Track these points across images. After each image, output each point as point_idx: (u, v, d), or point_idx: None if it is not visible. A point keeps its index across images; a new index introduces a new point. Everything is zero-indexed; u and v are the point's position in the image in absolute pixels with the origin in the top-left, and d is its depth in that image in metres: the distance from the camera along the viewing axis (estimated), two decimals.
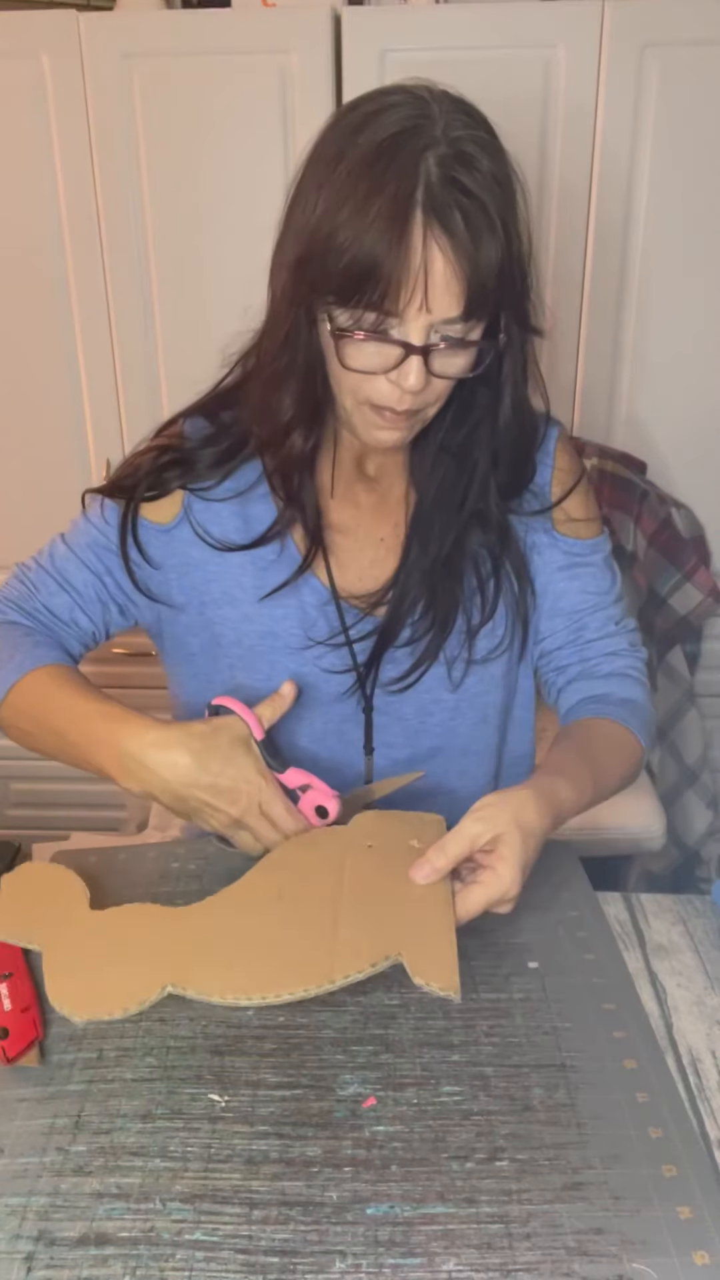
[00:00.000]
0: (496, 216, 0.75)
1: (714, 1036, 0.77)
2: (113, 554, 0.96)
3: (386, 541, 0.97)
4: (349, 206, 0.74)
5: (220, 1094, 0.70)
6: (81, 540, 0.97)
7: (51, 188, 1.71)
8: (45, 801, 2.14)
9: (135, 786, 0.85)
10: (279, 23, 1.62)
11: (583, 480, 0.99)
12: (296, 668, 0.96)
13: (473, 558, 0.95)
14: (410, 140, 0.74)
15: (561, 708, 1.03)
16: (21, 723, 0.92)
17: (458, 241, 0.74)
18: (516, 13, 1.59)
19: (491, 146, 0.77)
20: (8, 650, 0.93)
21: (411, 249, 0.73)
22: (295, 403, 0.86)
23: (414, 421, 0.85)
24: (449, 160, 0.74)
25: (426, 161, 0.73)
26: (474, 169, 0.74)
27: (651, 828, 1.70)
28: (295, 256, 0.79)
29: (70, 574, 0.97)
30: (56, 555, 0.98)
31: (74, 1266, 0.58)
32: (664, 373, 1.79)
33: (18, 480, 1.91)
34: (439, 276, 0.74)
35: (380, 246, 0.73)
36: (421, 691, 0.97)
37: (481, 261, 0.75)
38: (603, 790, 0.93)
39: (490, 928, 0.85)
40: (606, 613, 1.01)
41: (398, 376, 0.79)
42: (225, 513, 0.95)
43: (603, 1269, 0.58)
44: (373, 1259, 0.59)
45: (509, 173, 0.78)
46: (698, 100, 1.62)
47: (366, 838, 0.86)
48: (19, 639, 0.95)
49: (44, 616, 0.98)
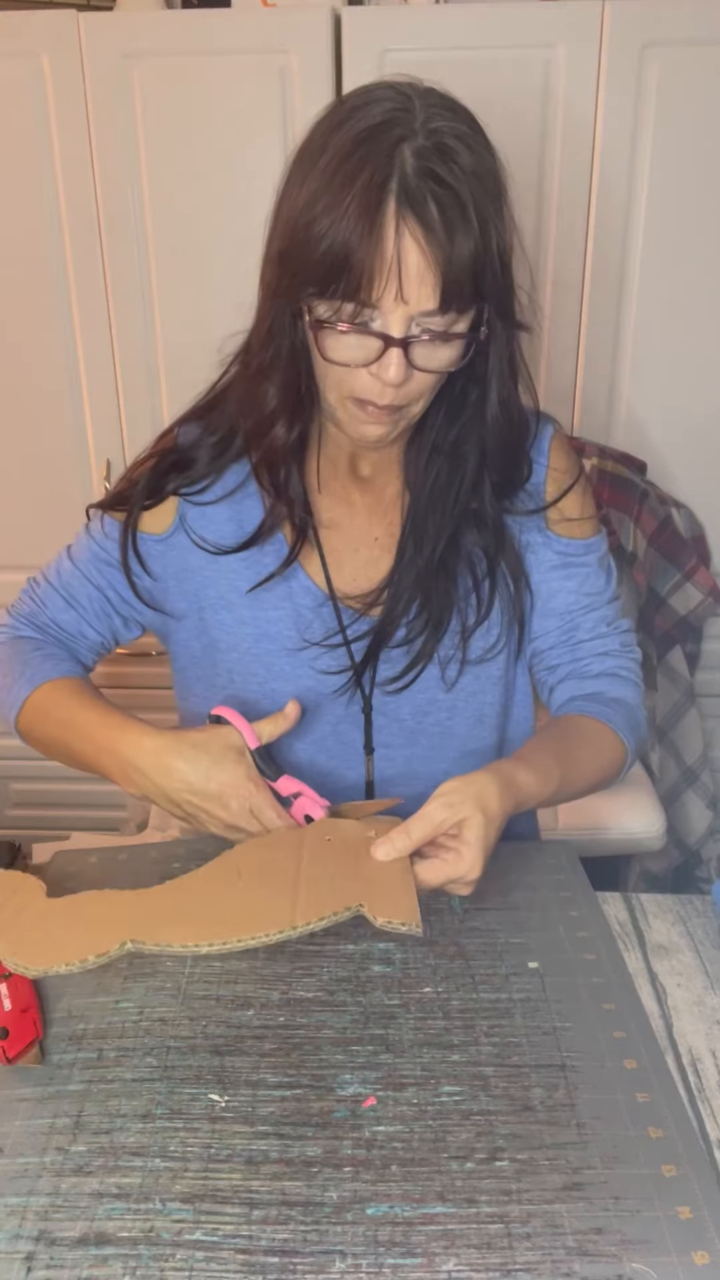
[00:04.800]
0: (473, 209, 0.74)
1: (714, 1036, 0.77)
2: (114, 568, 0.98)
3: (381, 541, 0.97)
4: (326, 197, 0.75)
5: (220, 1094, 0.70)
6: (84, 556, 1.00)
7: (51, 188, 1.71)
8: (45, 801, 2.14)
9: (135, 791, 0.88)
10: (279, 23, 1.62)
11: (579, 480, 0.98)
12: (292, 670, 0.96)
13: (468, 557, 0.95)
14: (387, 131, 0.74)
15: (552, 706, 1.03)
16: (36, 733, 0.97)
17: (431, 231, 0.73)
18: (516, 13, 1.59)
19: (473, 141, 0.76)
20: (20, 666, 0.98)
21: (384, 238, 0.73)
22: (279, 393, 0.86)
23: (399, 417, 0.84)
24: (426, 151, 0.74)
25: (403, 152, 0.74)
26: (451, 161, 0.74)
27: (651, 828, 1.70)
28: (278, 249, 0.80)
29: (75, 590, 1.00)
30: (62, 571, 1.01)
31: (74, 1266, 0.58)
32: (664, 373, 1.79)
33: (18, 480, 1.91)
34: (412, 266, 0.74)
35: (354, 236, 0.74)
36: (417, 692, 0.97)
37: (456, 253, 0.74)
38: (572, 785, 0.92)
39: (490, 928, 0.85)
40: (599, 613, 1.01)
41: (378, 369, 0.79)
42: (218, 516, 0.95)
43: (603, 1269, 0.58)
44: (373, 1259, 0.59)
45: (492, 168, 0.78)
46: (698, 100, 1.62)
47: (325, 833, 0.86)
48: (30, 654, 0.99)
49: (54, 630, 1.01)
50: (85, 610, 1.00)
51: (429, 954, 0.82)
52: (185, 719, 1.08)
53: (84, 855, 0.97)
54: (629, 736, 0.98)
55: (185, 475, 0.94)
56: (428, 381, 0.82)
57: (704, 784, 1.92)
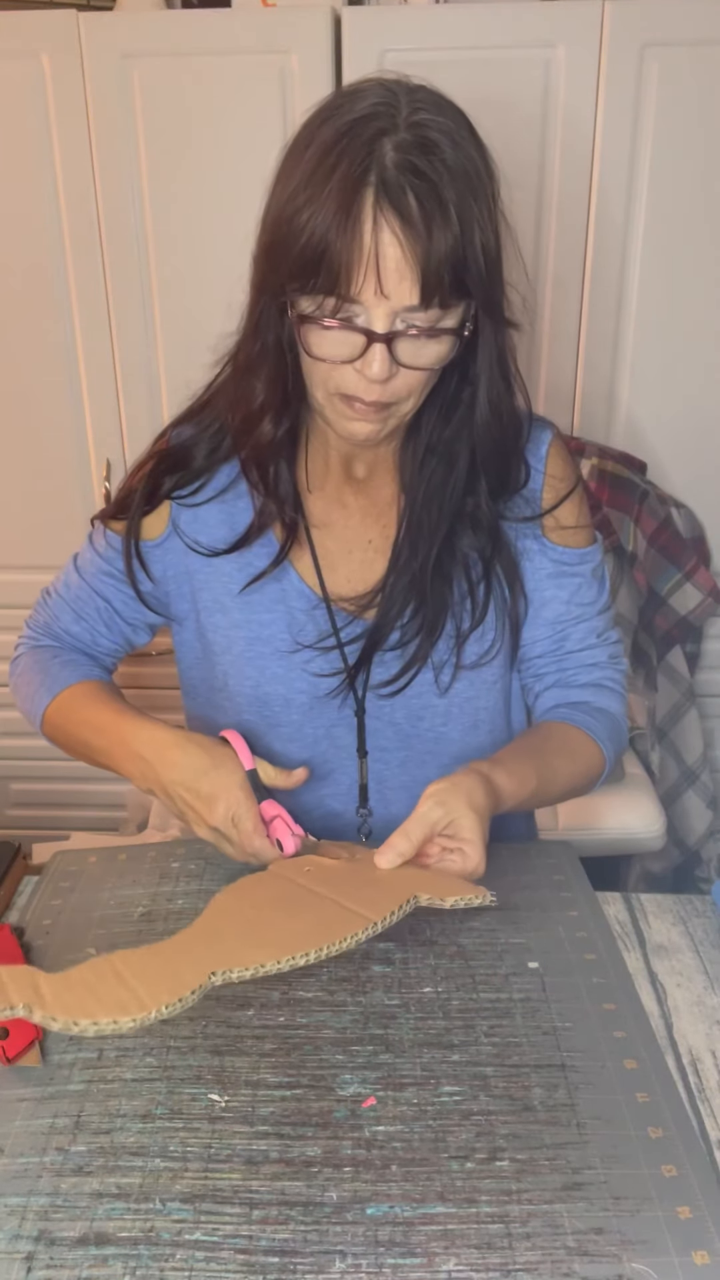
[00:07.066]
0: (454, 203, 0.74)
1: (714, 1036, 0.77)
2: (117, 579, 0.99)
3: (375, 544, 0.97)
4: (307, 191, 0.75)
5: (220, 1094, 0.69)
6: (89, 569, 1.02)
7: (51, 187, 1.71)
8: (45, 801, 2.14)
9: (142, 785, 0.90)
10: (279, 23, 1.62)
11: (576, 489, 0.98)
12: (285, 672, 0.96)
13: (463, 560, 0.94)
14: (369, 125, 0.74)
15: (536, 710, 1.03)
16: (59, 738, 0.99)
17: (409, 224, 0.73)
18: (516, 13, 1.59)
19: (458, 136, 0.76)
20: (41, 674, 1.01)
21: (362, 230, 0.73)
22: (265, 388, 0.87)
23: (387, 415, 0.84)
24: (407, 145, 0.74)
25: (383, 146, 0.73)
26: (433, 156, 0.74)
27: (651, 828, 1.70)
28: (264, 244, 0.80)
29: (83, 603, 1.02)
30: (70, 584, 1.03)
31: (74, 1266, 0.58)
32: (663, 373, 1.79)
33: (18, 480, 1.91)
34: (390, 260, 0.74)
35: (332, 229, 0.74)
36: (411, 697, 0.97)
37: (435, 246, 0.74)
38: (547, 791, 0.93)
39: (490, 928, 0.85)
40: (590, 624, 1.00)
41: (362, 365, 0.78)
42: (210, 519, 0.95)
43: (603, 1269, 0.58)
44: (373, 1259, 0.59)
45: (479, 165, 0.77)
46: (698, 100, 1.62)
47: (303, 866, 0.85)
48: (49, 662, 1.02)
49: (69, 639, 1.04)
50: (95, 621, 1.02)
51: (429, 954, 0.82)
52: (191, 720, 1.08)
53: (84, 855, 0.97)
54: (609, 747, 0.99)
55: (180, 476, 0.94)
56: (416, 379, 0.81)
57: (704, 784, 1.92)
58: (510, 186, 0.81)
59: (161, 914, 0.87)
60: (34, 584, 1.93)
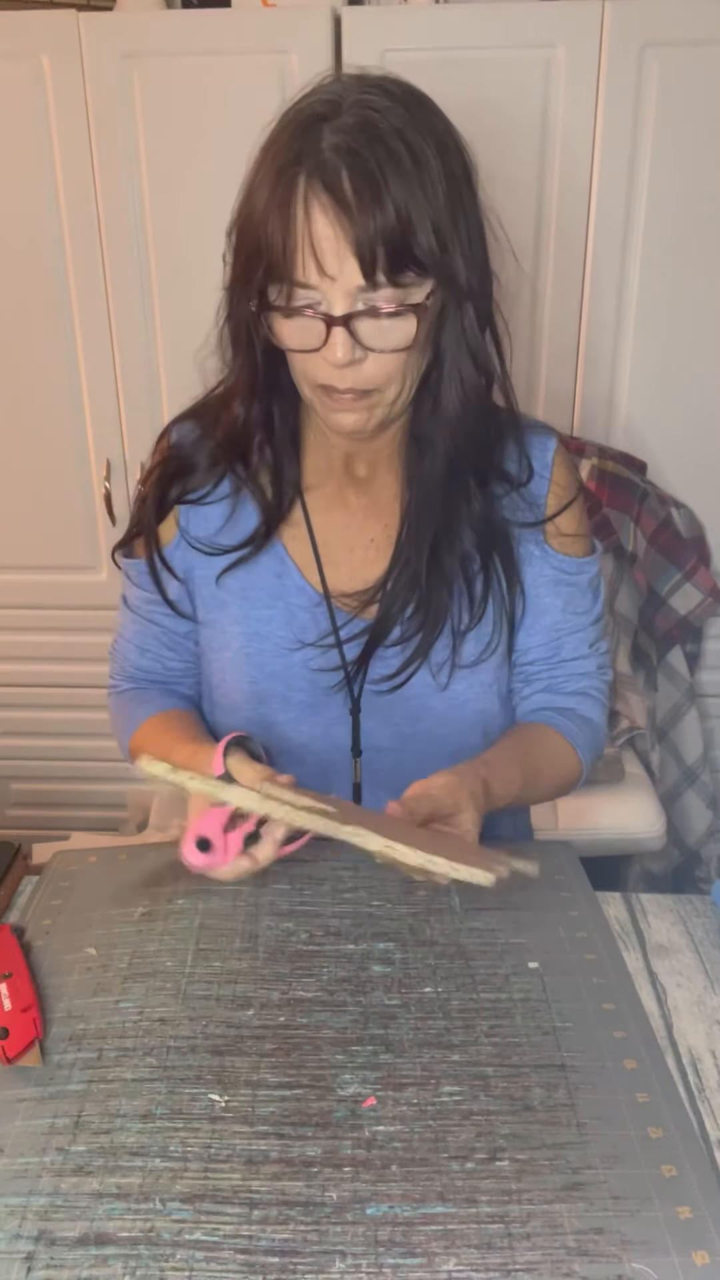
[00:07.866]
0: (394, 180, 0.74)
1: (714, 1036, 0.77)
2: (157, 603, 1.00)
3: (377, 542, 0.97)
4: (254, 182, 0.78)
5: (220, 1094, 0.70)
6: (135, 601, 1.03)
7: (51, 187, 1.71)
8: (45, 801, 2.14)
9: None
10: (279, 23, 1.62)
11: (578, 497, 0.99)
12: (284, 670, 0.96)
13: (463, 558, 0.94)
14: (311, 113, 0.76)
15: (521, 710, 1.04)
16: None
17: (341, 203, 0.73)
18: (516, 13, 1.59)
19: (407, 120, 0.75)
20: (124, 719, 1.04)
21: (295, 213, 0.75)
22: (235, 373, 0.89)
23: (370, 403, 0.83)
24: (346, 128, 0.74)
25: (321, 131, 0.75)
26: (373, 136, 0.74)
27: (651, 828, 1.70)
28: (233, 242, 0.83)
29: (141, 635, 1.04)
30: (125, 623, 1.06)
31: (74, 1266, 0.58)
32: (664, 373, 1.79)
33: (18, 480, 1.91)
34: (324, 240, 0.74)
35: (271, 214, 0.76)
36: (409, 696, 0.97)
37: (371, 223, 0.74)
38: (528, 795, 0.95)
39: (490, 928, 0.85)
40: (583, 634, 1.01)
41: (326, 351, 0.79)
42: (213, 515, 0.96)
43: (603, 1269, 0.58)
44: (373, 1259, 0.59)
45: (429, 146, 0.76)
46: (698, 100, 1.62)
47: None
48: (128, 703, 1.05)
49: (144, 676, 1.06)
50: (158, 648, 1.04)
51: (429, 954, 0.82)
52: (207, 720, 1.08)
53: (84, 855, 0.97)
54: (586, 755, 1.01)
55: (189, 481, 0.95)
56: (391, 363, 0.80)
57: (704, 784, 1.92)
58: (510, 186, 0.81)
59: (161, 914, 0.87)
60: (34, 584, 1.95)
